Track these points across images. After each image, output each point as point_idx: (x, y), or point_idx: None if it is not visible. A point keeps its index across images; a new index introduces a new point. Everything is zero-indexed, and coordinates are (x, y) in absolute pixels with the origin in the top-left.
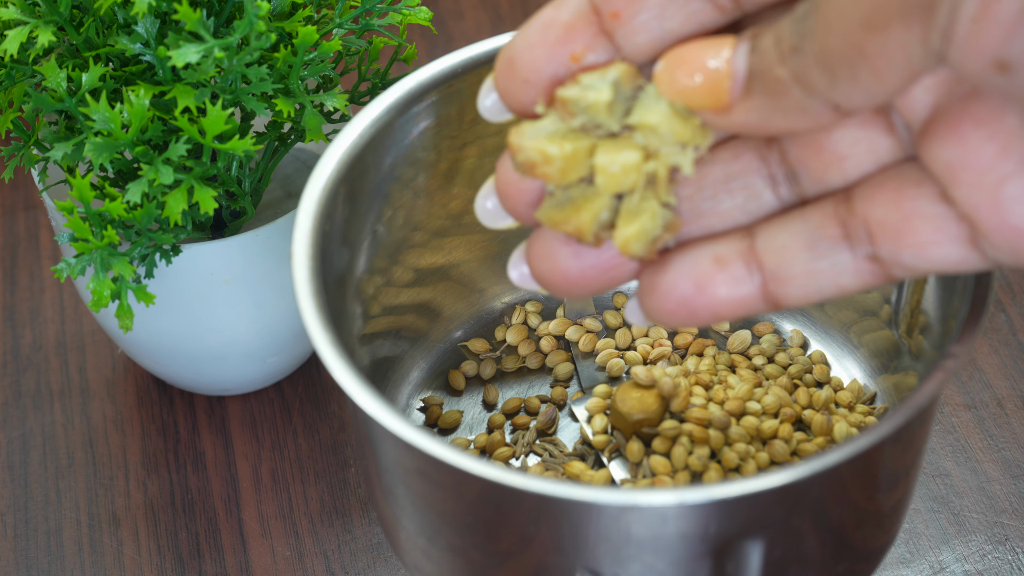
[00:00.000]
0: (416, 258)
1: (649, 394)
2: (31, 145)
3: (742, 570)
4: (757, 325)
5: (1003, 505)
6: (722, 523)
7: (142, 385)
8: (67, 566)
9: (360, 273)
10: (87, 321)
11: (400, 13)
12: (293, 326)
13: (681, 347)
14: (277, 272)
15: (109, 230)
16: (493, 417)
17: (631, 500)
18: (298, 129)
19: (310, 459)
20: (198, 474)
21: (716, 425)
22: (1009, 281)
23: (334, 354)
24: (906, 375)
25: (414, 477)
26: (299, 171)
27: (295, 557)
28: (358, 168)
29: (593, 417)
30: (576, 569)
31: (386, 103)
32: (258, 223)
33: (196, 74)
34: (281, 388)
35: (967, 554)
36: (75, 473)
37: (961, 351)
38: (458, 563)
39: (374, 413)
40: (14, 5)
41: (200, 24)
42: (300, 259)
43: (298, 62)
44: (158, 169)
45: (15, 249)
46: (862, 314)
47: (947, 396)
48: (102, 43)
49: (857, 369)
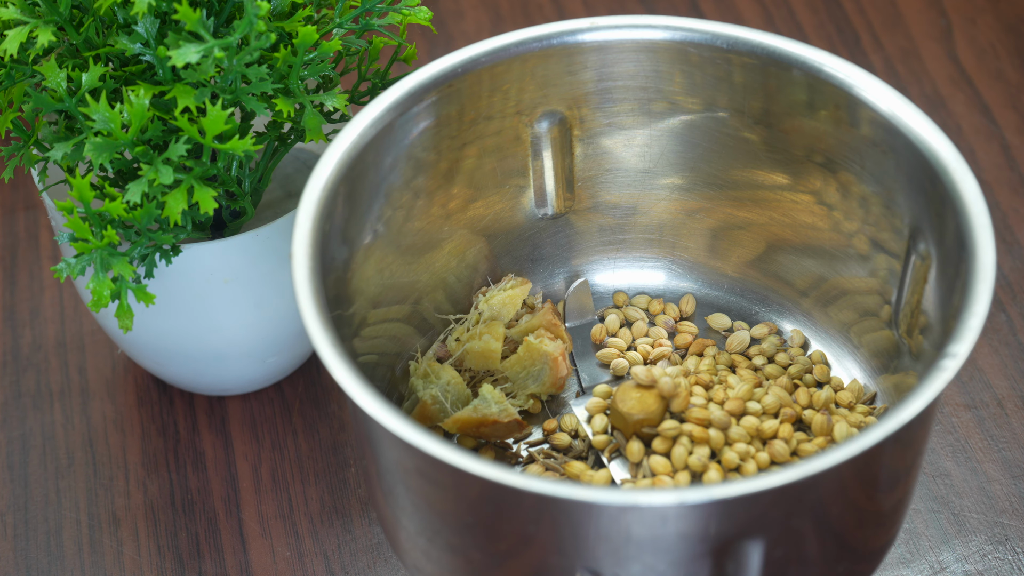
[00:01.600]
0: (415, 257)
1: (649, 394)
2: (31, 145)
3: (742, 570)
4: (758, 326)
5: (1003, 505)
6: (722, 523)
7: (142, 385)
8: (67, 566)
9: (360, 273)
10: (87, 321)
11: (400, 13)
12: (293, 326)
13: (681, 347)
14: (277, 272)
15: (109, 230)
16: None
17: (631, 500)
18: (298, 129)
19: (310, 459)
20: (198, 474)
21: (716, 425)
22: (1009, 281)
23: (334, 354)
24: (906, 375)
25: (414, 477)
26: (299, 171)
27: (295, 557)
28: (358, 168)
29: (593, 417)
30: (576, 569)
31: (386, 103)
32: (258, 223)
33: (196, 74)
34: (281, 388)
35: (967, 554)
36: (75, 473)
37: (961, 351)
38: (458, 563)
39: (374, 413)
40: (14, 5)
41: (200, 24)
42: (300, 259)
43: (298, 62)
44: (158, 169)
45: (15, 249)
46: (862, 314)
47: (947, 396)
48: (102, 43)
49: (857, 369)
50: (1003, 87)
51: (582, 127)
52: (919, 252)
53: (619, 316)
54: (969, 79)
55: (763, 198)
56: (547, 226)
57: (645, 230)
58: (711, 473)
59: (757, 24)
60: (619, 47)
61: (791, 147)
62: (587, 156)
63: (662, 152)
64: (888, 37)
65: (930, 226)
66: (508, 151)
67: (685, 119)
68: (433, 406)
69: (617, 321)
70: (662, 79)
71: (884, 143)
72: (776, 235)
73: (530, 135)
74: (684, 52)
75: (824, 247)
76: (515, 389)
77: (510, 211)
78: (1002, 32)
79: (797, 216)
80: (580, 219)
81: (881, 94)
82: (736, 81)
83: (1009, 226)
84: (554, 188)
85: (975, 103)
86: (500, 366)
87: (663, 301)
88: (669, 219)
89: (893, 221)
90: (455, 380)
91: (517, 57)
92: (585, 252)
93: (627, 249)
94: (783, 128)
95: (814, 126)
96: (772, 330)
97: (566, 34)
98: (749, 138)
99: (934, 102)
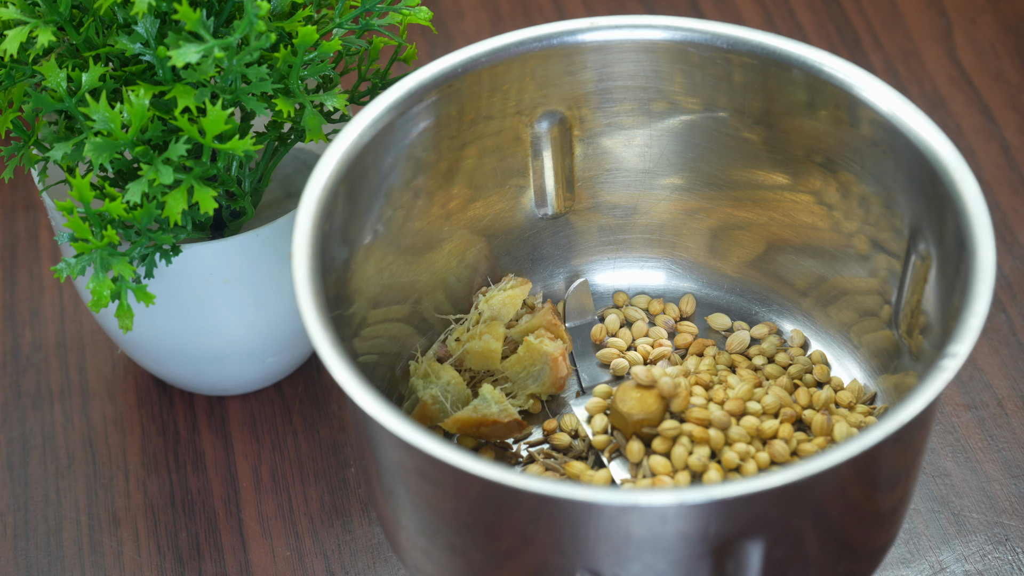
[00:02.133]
0: (415, 257)
1: (649, 394)
2: (31, 145)
3: (742, 570)
4: (758, 325)
5: (1003, 505)
6: (722, 523)
7: (142, 385)
8: (67, 566)
9: (360, 273)
10: (87, 321)
11: (400, 13)
12: (293, 326)
13: (681, 347)
14: (277, 272)
15: (109, 230)
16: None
17: (631, 500)
18: (298, 129)
19: (310, 459)
20: (198, 474)
21: (716, 425)
22: (1009, 281)
23: (334, 354)
24: (906, 375)
25: (414, 477)
26: (299, 171)
27: (295, 557)
28: (358, 168)
29: (593, 417)
30: (576, 569)
31: (386, 103)
32: (258, 223)
33: (196, 74)
34: (281, 388)
35: (967, 554)
36: (75, 473)
37: (961, 351)
38: (458, 563)
39: (374, 413)
40: (14, 5)
41: (200, 24)
42: (300, 259)
43: (298, 62)
44: (158, 169)
45: (15, 249)
46: (862, 314)
47: (947, 396)
48: (102, 43)
49: (857, 369)
50: (1003, 87)
51: (582, 127)
52: (919, 252)
53: (619, 316)
54: (969, 79)
55: (763, 198)
56: (547, 226)
57: (645, 230)
58: (711, 473)
59: (757, 24)
60: (619, 47)
61: (791, 147)
62: (587, 156)
63: (662, 152)
64: (888, 37)
65: (930, 226)
66: (508, 151)
67: (685, 119)
68: (433, 406)
69: (617, 321)
70: (662, 79)
71: (884, 143)
72: (776, 235)
73: (530, 135)
74: (684, 52)
75: (824, 247)
76: (515, 389)
77: (510, 211)
78: (1002, 32)
79: (797, 216)
80: (580, 219)
81: (881, 94)
82: (736, 81)
83: (1009, 226)
84: (554, 188)
85: (975, 103)
86: (500, 366)
87: (663, 301)
88: (669, 219)
89: (893, 221)
90: (455, 380)
91: (517, 57)
92: (585, 252)
93: (627, 249)
94: (783, 128)
95: (814, 126)
96: (772, 330)
97: (566, 34)
98: (749, 138)
99: (934, 102)
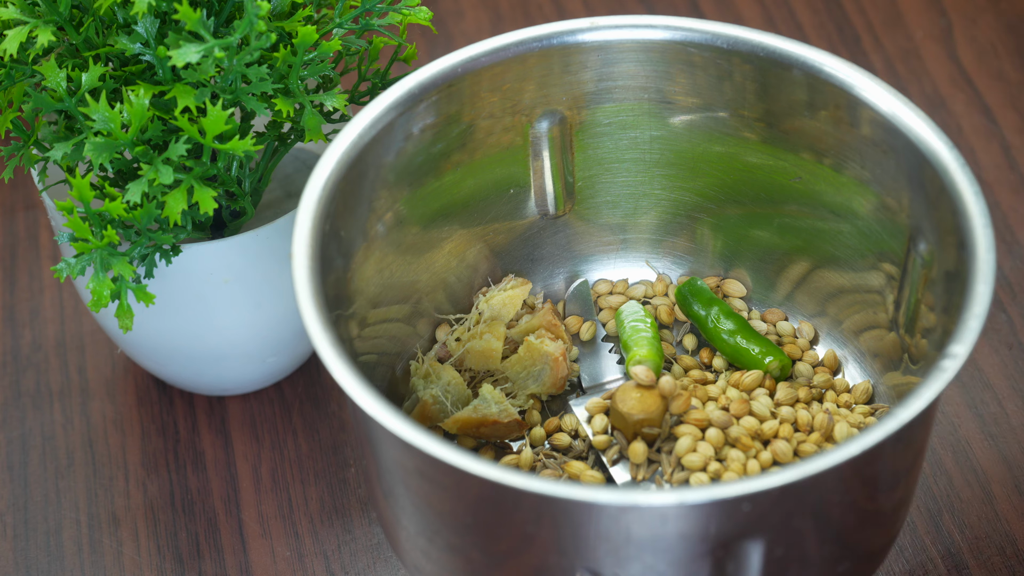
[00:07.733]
0: (416, 257)
1: (649, 394)
2: (31, 145)
3: (742, 570)
4: (771, 309)
5: (1003, 505)
6: (722, 523)
7: (142, 385)
8: (67, 566)
9: (360, 273)
10: (87, 321)
11: (400, 13)
12: (293, 326)
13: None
14: (277, 272)
15: (109, 230)
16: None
17: (631, 500)
18: (298, 129)
19: (310, 459)
20: (198, 474)
21: (716, 425)
22: (1009, 281)
23: (334, 354)
24: (906, 375)
25: (414, 477)
26: (299, 171)
27: (295, 557)
28: (358, 168)
29: (593, 417)
30: (576, 569)
31: (386, 103)
32: (258, 223)
33: (196, 74)
34: (281, 388)
35: (967, 554)
36: (75, 473)
37: (961, 351)
38: (458, 563)
39: (374, 413)
40: (14, 5)
41: (200, 24)
42: (300, 259)
43: (298, 62)
44: (158, 169)
45: (15, 249)
46: (862, 314)
47: (947, 396)
48: (102, 43)
49: (857, 369)
50: (1003, 87)
51: (582, 127)
52: (919, 252)
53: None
54: (969, 79)
55: (763, 198)
56: (547, 226)
57: (645, 230)
58: (712, 473)
59: (757, 24)
60: (619, 47)
61: (791, 147)
62: (587, 156)
63: (662, 152)
64: (888, 37)
65: (930, 226)
66: (508, 151)
67: (685, 119)
68: (433, 406)
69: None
70: (662, 79)
71: (884, 143)
72: (776, 235)
73: (530, 135)
74: (684, 52)
75: (824, 247)
76: (515, 389)
77: (510, 211)
78: (1002, 32)
79: (797, 216)
80: (580, 219)
81: (881, 94)
82: (736, 81)
83: (1009, 226)
84: (554, 188)
85: (975, 103)
86: (500, 366)
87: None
88: (669, 219)
89: (893, 221)
90: (455, 380)
91: (517, 57)
92: (585, 252)
93: (627, 249)
94: (783, 128)
95: (814, 126)
96: (781, 317)
97: (566, 34)
98: (749, 138)
99: (934, 102)
